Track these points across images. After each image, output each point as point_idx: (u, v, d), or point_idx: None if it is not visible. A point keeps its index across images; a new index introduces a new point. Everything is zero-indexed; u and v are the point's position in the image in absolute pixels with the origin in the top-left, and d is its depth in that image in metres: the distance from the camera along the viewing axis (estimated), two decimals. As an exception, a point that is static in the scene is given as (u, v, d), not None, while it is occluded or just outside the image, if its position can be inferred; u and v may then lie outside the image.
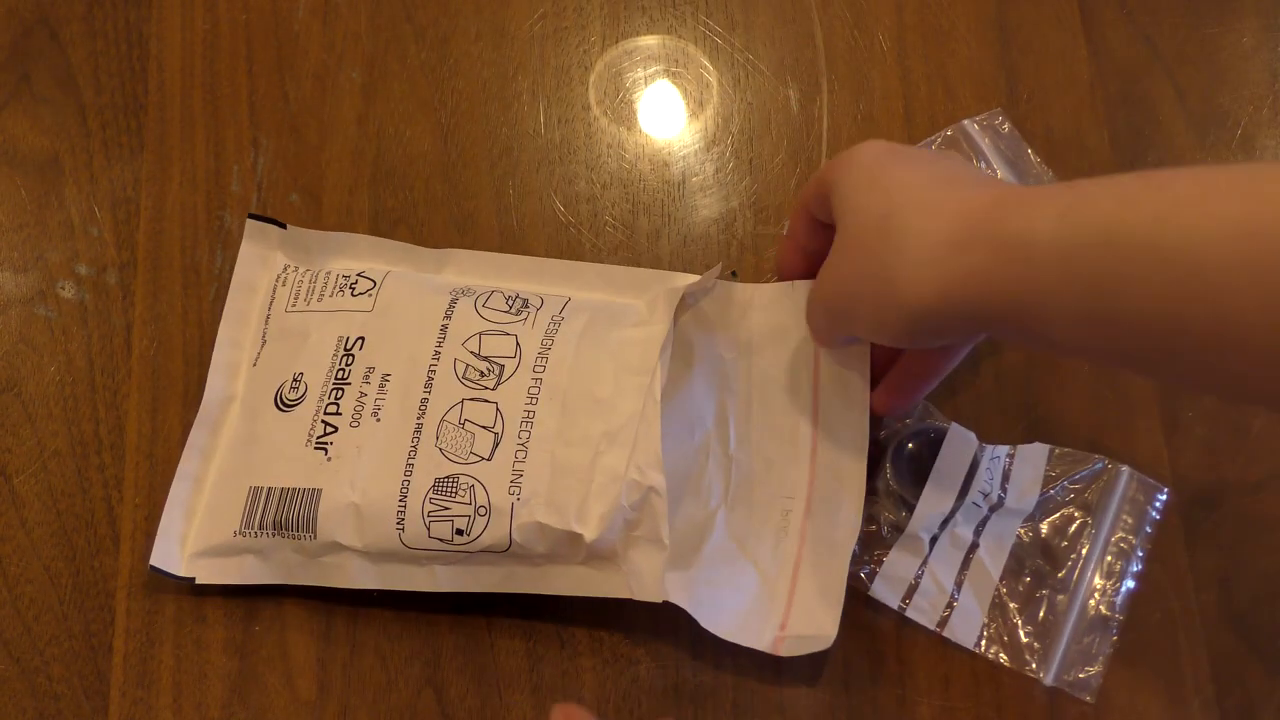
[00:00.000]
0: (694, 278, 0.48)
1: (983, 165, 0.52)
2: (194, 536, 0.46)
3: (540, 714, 0.45)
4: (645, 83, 0.55)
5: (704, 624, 0.43)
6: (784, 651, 0.43)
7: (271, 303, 0.49)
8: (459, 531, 0.43)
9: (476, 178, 0.53)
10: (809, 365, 0.48)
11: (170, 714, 0.45)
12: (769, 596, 0.45)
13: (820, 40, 0.55)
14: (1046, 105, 0.54)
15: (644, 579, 0.42)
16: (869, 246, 0.38)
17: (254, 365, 0.48)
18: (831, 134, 0.53)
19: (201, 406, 0.48)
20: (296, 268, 0.50)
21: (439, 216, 0.52)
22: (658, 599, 0.42)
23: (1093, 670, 0.45)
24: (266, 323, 0.49)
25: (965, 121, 0.53)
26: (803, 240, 0.45)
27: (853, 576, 0.46)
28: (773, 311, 0.48)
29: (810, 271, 0.44)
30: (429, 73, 0.54)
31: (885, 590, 0.46)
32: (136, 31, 0.55)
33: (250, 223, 0.50)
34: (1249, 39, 0.55)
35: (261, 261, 0.50)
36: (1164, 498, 0.47)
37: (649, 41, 0.55)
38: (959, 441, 0.46)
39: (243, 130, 0.53)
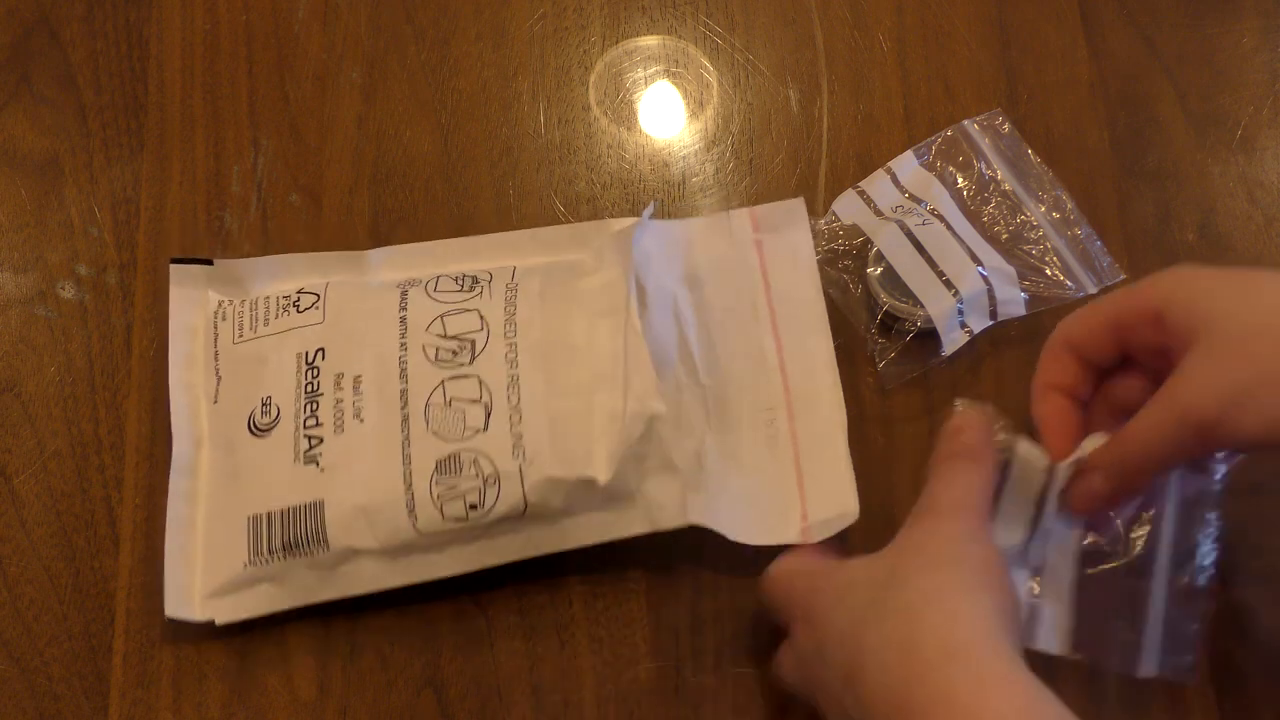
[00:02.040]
0: (629, 220, 0.48)
1: (982, 165, 0.52)
2: (201, 579, 0.45)
3: (540, 714, 0.45)
4: (645, 83, 0.55)
5: (731, 536, 0.44)
6: (815, 537, 0.45)
7: (216, 339, 0.48)
8: (472, 506, 0.43)
9: (476, 178, 0.53)
10: (759, 284, 0.50)
11: (170, 714, 0.45)
12: (781, 496, 0.46)
13: (820, 41, 0.55)
14: (1046, 105, 0.54)
15: (665, 507, 0.43)
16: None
17: (215, 403, 0.47)
18: (831, 134, 0.53)
19: (174, 453, 0.47)
20: (231, 300, 0.49)
21: (439, 217, 0.52)
22: (682, 523, 0.43)
23: (1188, 653, 0.42)
24: (216, 359, 0.48)
25: (965, 122, 0.53)
26: (1067, 385, 0.42)
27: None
28: (711, 242, 0.50)
29: (1080, 423, 0.42)
30: (429, 73, 0.54)
31: None
32: (136, 31, 0.55)
33: (174, 267, 0.49)
34: (1249, 39, 0.55)
35: (193, 303, 0.49)
36: (1223, 469, 0.44)
37: (649, 42, 0.55)
38: (1029, 463, 0.42)
39: (243, 130, 0.53)
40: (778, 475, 0.47)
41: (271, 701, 0.45)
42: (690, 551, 0.47)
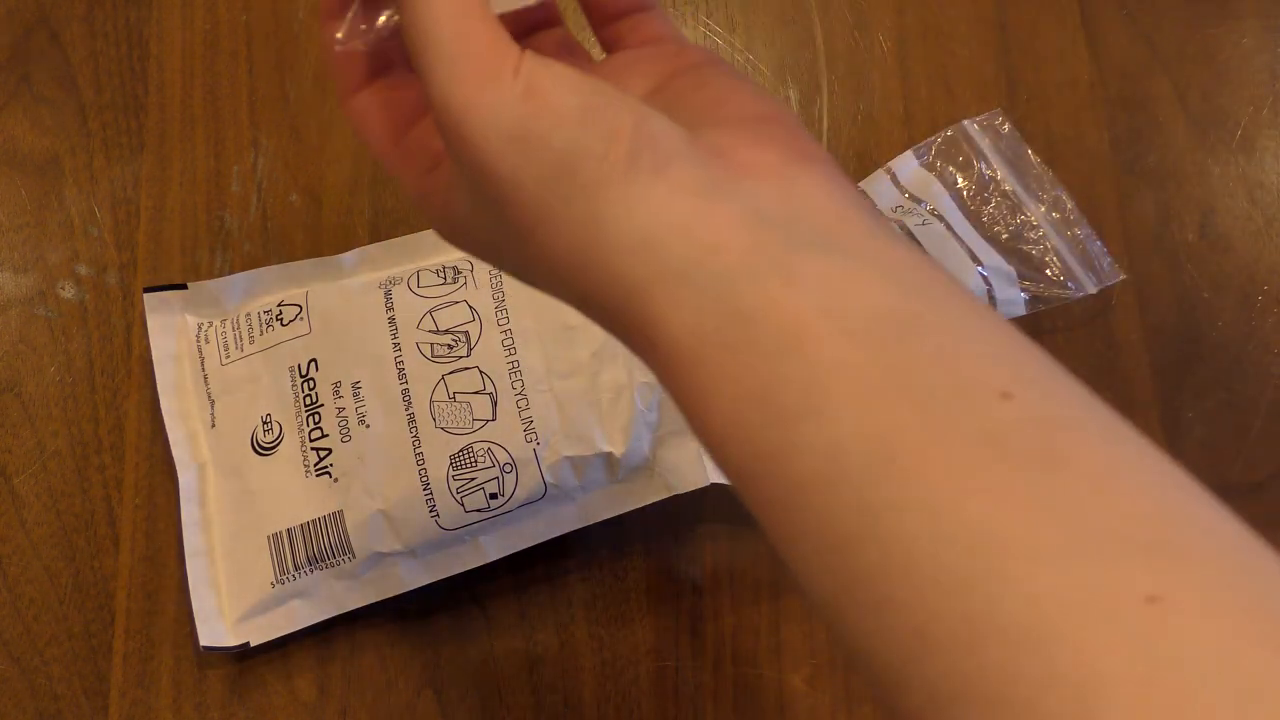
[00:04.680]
0: None
1: (982, 165, 0.52)
2: (229, 605, 0.45)
3: (540, 714, 0.45)
4: (645, 83, 0.55)
5: None
6: None
7: (202, 363, 0.48)
8: (493, 495, 0.44)
9: (476, 178, 0.53)
10: None
11: (170, 714, 0.45)
12: None
13: (820, 40, 0.55)
14: (1046, 105, 0.54)
15: (682, 471, 0.44)
16: None
17: (212, 427, 0.47)
18: (832, 134, 0.53)
19: (180, 483, 0.47)
20: (211, 322, 0.49)
21: (439, 217, 0.52)
22: (703, 483, 0.44)
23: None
24: (206, 383, 0.48)
25: (965, 121, 0.53)
26: None
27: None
28: None
29: None
30: (429, 73, 0.54)
31: None
32: (136, 31, 0.55)
33: (148, 295, 0.49)
34: (1249, 39, 0.55)
35: (172, 329, 0.49)
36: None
37: (649, 42, 0.55)
38: None
39: (243, 130, 0.53)
40: None
41: (271, 701, 0.45)
42: (691, 551, 0.47)
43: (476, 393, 0.44)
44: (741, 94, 0.25)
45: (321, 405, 0.45)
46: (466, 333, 0.45)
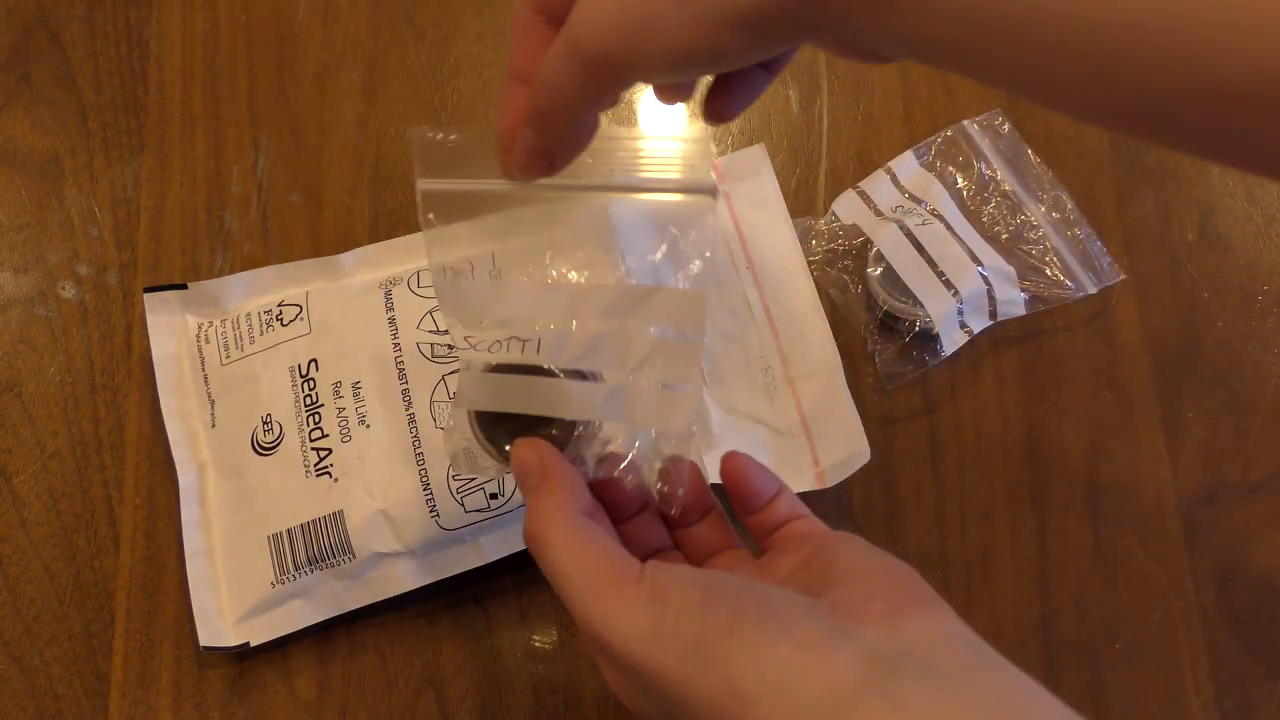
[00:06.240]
0: (602, 193, 0.48)
1: (982, 165, 0.52)
2: (229, 605, 0.45)
3: (540, 714, 0.45)
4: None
5: None
6: (829, 481, 0.45)
7: (202, 363, 0.48)
8: (493, 496, 0.44)
9: (476, 178, 0.53)
10: (733, 233, 0.50)
11: (170, 714, 0.45)
12: (790, 444, 0.47)
13: (820, 40, 0.55)
14: (1046, 105, 0.54)
15: None
16: None
17: (212, 427, 0.47)
18: (831, 134, 0.53)
19: (179, 483, 0.47)
20: (211, 322, 0.49)
21: (439, 217, 0.52)
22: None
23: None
24: (206, 383, 0.48)
25: (965, 122, 0.53)
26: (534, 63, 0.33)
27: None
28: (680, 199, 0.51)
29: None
30: (429, 74, 0.54)
31: None
32: (136, 31, 0.55)
33: (148, 296, 0.49)
34: (1249, 39, 0.55)
35: (172, 329, 0.49)
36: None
37: (649, 42, 0.55)
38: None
39: (243, 130, 0.53)
40: (784, 423, 0.47)
41: (271, 701, 0.45)
42: (690, 551, 0.47)
43: None
44: (864, 558, 0.30)
45: (322, 405, 0.45)
46: None
